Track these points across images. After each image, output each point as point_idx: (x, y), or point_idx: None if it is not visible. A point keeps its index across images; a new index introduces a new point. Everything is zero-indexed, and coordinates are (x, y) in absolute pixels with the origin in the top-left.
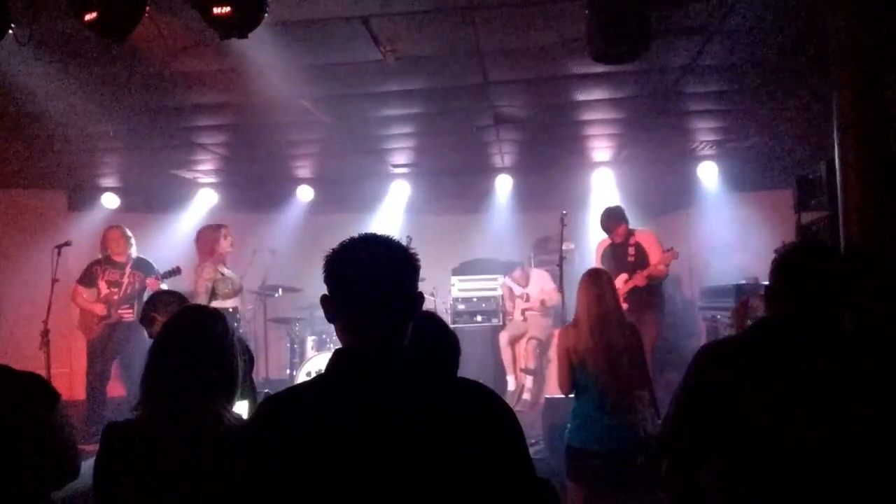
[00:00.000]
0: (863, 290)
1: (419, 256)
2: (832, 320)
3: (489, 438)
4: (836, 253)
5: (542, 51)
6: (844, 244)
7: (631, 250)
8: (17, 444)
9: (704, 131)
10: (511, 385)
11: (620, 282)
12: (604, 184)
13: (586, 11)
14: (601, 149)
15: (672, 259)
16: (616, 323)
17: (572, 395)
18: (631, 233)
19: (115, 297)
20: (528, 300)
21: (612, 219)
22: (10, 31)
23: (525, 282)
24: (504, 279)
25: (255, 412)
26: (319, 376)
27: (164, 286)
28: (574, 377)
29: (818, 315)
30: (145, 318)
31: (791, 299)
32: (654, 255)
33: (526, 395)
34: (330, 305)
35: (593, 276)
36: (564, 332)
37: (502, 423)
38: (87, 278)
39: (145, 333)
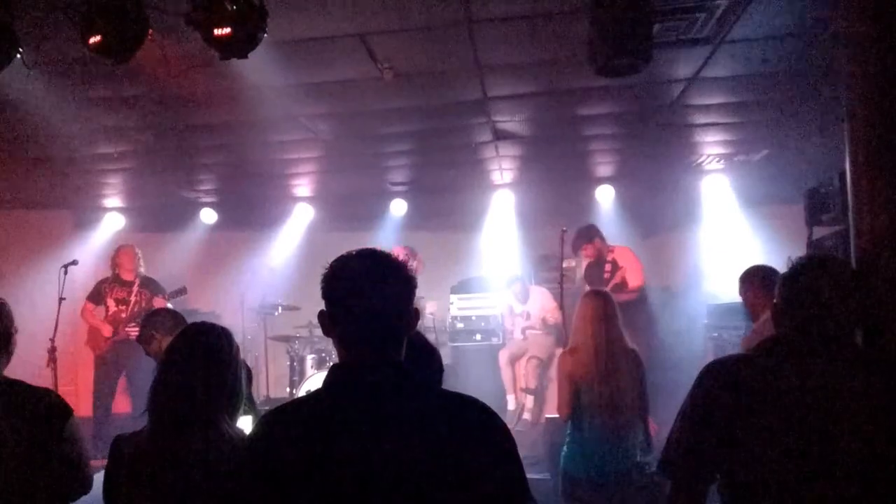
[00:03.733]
0: (874, 306)
1: (416, 273)
2: (842, 337)
3: (485, 453)
4: (847, 267)
5: (543, 65)
6: (856, 258)
7: (607, 267)
8: (32, 459)
9: (711, 144)
10: (511, 405)
11: None
12: (606, 200)
13: (588, 24)
14: (604, 164)
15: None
16: (619, 349)
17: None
18: (609, 249)
19: (123, 314)
20: (528, 318)
21: (575, 239)
22: (18, 55)
23: (524, 298)
24: (505, 297)
25: (256, 426)
26: (318, 391)
27: (170, 305)
28: (574, 403)
29: (828, 332)
30: (144, 337)
31: (800, 316)
32: (630, 270)
33: (526, 415)
34: (327, 320)
35: (595, 300)
36: (564, 359)
37: (498, 439)
38: (96, 295)
39: None
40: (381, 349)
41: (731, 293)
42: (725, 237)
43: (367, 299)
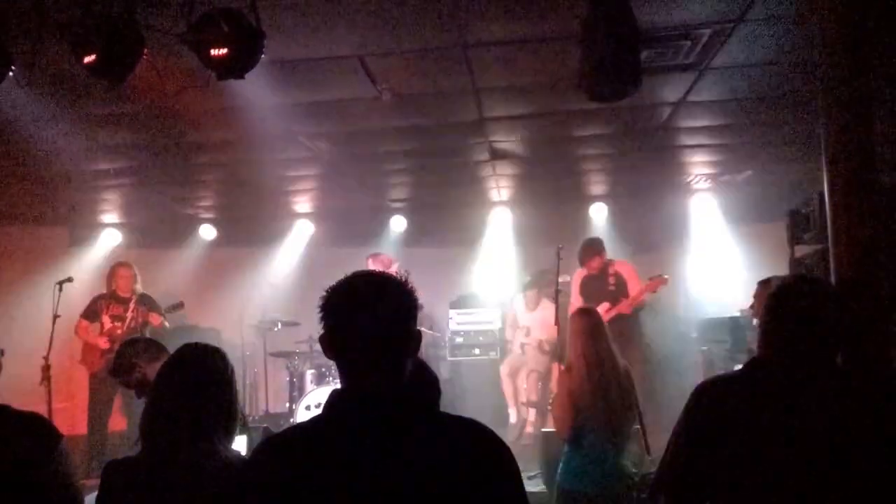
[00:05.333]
0: (855, 326)
1: (416, 291)
2: (826, 357)
3: (486, 477)
4: (828, 288)
5: (537, 88)
6: (835, 278)
7: (611, 279)
8: (19, 487)
9: (698, 165)
10: (512, 418)
11: (602, 310)
12: (599, 217)
13: (579, 50)
14: (597, 183)
15: (661, 285)
16: (611, 362)
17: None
18: (609, 262)
19: (119, 331)
20: (528, 334)
21: (586, 251)
22: (11, 73)
23: (534, 305)
24: (511, 303)
25: (253, 452)
26: (318, 417)
27: (166, 325)
28: (574, 420)
29: (812, 352)
30: (124, 366)
31: (785, 337)
32: (634, 285)
33: (529, 429)
34: (327, 345)
35: (583, 318)
36: (562, 377)
37: (500, 463)
38: (91, 312)
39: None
40: (383, 374)
41: (719, 308)
42: (713, 254)
43: (366, 323)
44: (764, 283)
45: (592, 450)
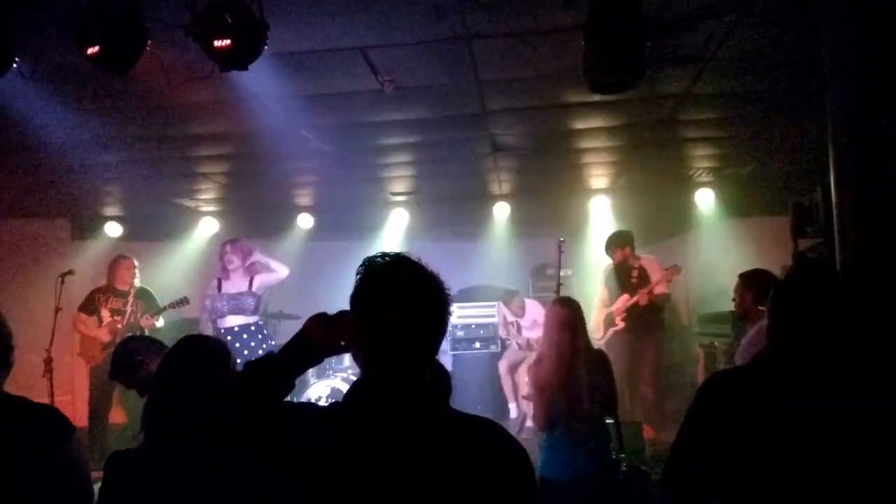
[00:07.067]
0: (863, 318)
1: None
2: (835, 350)
3: (501, 478)
4: (837, 278)
5: (540, 80)
6: (841, 268)
7: (634, 272)
8: (33, 477)
9: (701, 158)
10: (513, 412)
11: (621, 302)
12: (601, 211)
13: (583, 42)
14: (599, 176)
15: (675, 276)
16: (582, 355)
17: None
18: (636, 257)
19: (119, 325)
20: (519, 331)
21: (609, 243)
22: (14, 65)
23: (521, 312)
24: (499, 305)
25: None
26: (337, 404)
27: (160, 323)
28: (545, 412)
29: (821, 345)
30: (129, 365)
31: (795, 330)
32: (656, 279)
33: (529, 423)
34: (357, 334)
35: (562, 309)
36: (531, 370)
37: (515, 464)
38: (89, 306)
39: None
40: (409, 368)
41: (721, 303)
42: (716, 247)
43: (404, 316)
44: (743, 276)
45: (561, 440)
